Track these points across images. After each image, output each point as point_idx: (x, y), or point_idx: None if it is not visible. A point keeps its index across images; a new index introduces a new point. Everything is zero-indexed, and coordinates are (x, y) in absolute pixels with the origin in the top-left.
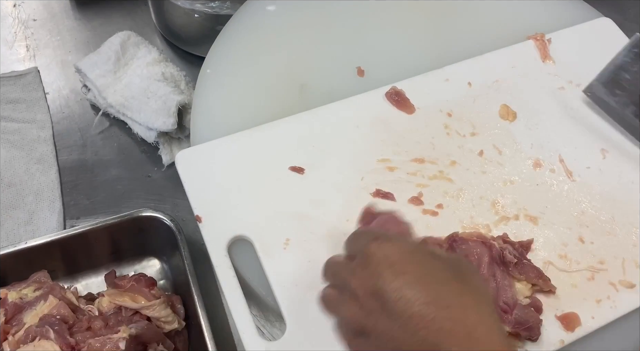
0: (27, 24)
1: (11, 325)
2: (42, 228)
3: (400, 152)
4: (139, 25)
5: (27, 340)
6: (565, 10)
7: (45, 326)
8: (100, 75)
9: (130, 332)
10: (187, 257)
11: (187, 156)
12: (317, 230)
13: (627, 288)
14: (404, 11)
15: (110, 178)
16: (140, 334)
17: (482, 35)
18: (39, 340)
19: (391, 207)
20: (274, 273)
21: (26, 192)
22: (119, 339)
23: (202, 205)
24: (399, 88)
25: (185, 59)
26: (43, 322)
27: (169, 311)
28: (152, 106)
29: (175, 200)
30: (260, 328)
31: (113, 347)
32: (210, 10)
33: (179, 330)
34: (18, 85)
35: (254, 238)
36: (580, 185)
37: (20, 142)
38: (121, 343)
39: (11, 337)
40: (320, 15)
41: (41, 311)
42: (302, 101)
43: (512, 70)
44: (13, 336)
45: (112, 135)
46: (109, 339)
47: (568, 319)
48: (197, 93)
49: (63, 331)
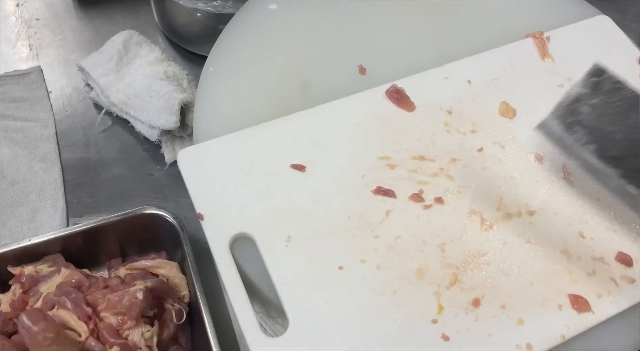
0: (30, 23)
1: (29, 295)
2: (45, 225)
3: (401, 149)
4: (142, 24)
5: (45, 308)
6: (564, 8)
7: (62, 297)
8: (102, 74)
9: (146, 285)
10: (189, 254)
11: (188, 154)
12: (318, 227)
13: (628, 284)
14: (405, 10)
15: (113, 177)
16: (155, 288)
17: (481, 33)
18: (57, 309)
19: (392, 204)
20: (276, 270)
21: (29, 190)
22: (137, 291)
23: (204, 203)
24: (399, 86)
25: (187, 57)
26: (60, 292)
27: (182, 275)
28: (154, 105)
29: (177, 198)
30: (262, 324)
31: (132, 298)
32: (213, 9)
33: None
34: (21, 84)
35: (256, 235)
36: (580, 180)
37: (24, 140)
38: (139, 294)
39: (29, 308)
40: (322, 14)
41: (56, 281)
42: (304, 99)
43: (511, 68)
44: (32, 307)
45: (114, 134)
46: (127, 292)
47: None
48: (199, 92)
49: (80, 301)
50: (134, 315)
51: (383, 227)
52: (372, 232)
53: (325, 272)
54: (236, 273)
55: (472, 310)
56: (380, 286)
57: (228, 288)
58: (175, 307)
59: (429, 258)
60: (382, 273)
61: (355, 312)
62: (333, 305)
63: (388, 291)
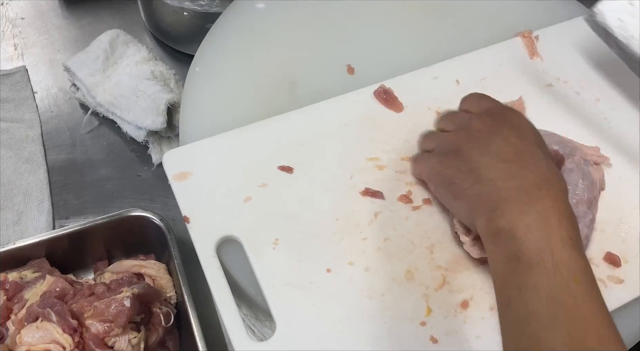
0: (15, 22)
1: (13, 302)
2: (31, 228)
3: (389, 150)
4: (128, 23)
5: (29, 318)
6: (553, 7)
7: (46, 309)
8: (89, 74)
9: (133, 291)
10: (177, 256)
11: (174, 156)
12: (306, 230)
13: (615, 284)
14: (394, 10)
15: (99, 178)
16: (142, 294)
17: (470, 32)
18: (41, 321)
19: (381, 205)
20: (263, 273)
21: (14, 192)
22: (124, 298)
23: (190, 206)
24: (387, 87)
25: (174, 57)
26: (44, 303)
27: (168, 277)
28: (141, 105)
29: (165, 199)
30: (251, 327)
31: (119, 306)
32: (200, 8)
33: (173, 303)
34: (6, 84)
35: (243, 238)
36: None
37: (9, 141)
38: (126, 301)
39: (14, 316)
40: (310, 13)
41: (41, 289)
42: (292, 99)
43: (499, 68)
44: (16, 315)
45: (101, 134)
46: (114, 300)
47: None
48: (185, 92)
49: (64, 313)
50: (121, 322)
51: (371, 229)
52: (360, 233)
53: (313, 275)
54: (223, 276)
55: (461, 312)
56: (368, 289)
57: (214, 292)
58: (163, 310)
59: (417, 260)
60: (371, 276)
61: (344, 315)
62: (321, 308)
63: (376, 294)
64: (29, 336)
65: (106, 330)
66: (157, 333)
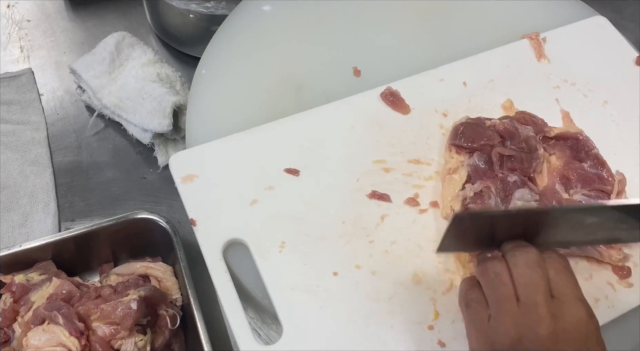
0: (21, 24)
1: (19, 305)
2: (37, 230)
3: (396, 152)
4: (134, 25)
5: (36, 321)
6: (561, 9)
7: (53, 312)
8: (95, 76)
9: (139, 293)
10: (183, 259)
11: (180, 159)
12: (312, 233)
13: (625, 288)
14: (400, 11)
15: (105, 180)
16: (149, 296)
17: (477, 34)
18: (48, 324)
19: (387, 208)
20: (269, 276)
21: (21, 194)
22: (130, 300)
23: (196, 209)
24: (394, 89)
25: (180, 59)
26: (51, 306)
27: (174, 279)
28: (147, 107)
29: (171, 201)
30: (257, 330)
31: (126, 308)
32: (206, 10)
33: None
34: (12, 87)
35: (250, 241)
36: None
37: (15, 143)
38: (133, 304)
39: (20, 319)
40: (316, 16)
41: (47, 292)
42: (298, 102)
43: (507, 70)
44: (22, 318)
45: (107, 137)
46: (120, 302)
47: None
48: (192, 95)
49: (71, 316)
50: (128, 325)
51: (378, 232)
52: (367, 236)
53: (319, 278)
54: (229, 280)
55: None
56: (375, 292)
57: (221, 296)
58: (169, 312)
59: (425, 263)
60: (378, 279)
61: (350, 318)
62: (328, 311)
63: (384, 297)
64: (35, 339)
65: (113, 332)
66: (163, 336)
